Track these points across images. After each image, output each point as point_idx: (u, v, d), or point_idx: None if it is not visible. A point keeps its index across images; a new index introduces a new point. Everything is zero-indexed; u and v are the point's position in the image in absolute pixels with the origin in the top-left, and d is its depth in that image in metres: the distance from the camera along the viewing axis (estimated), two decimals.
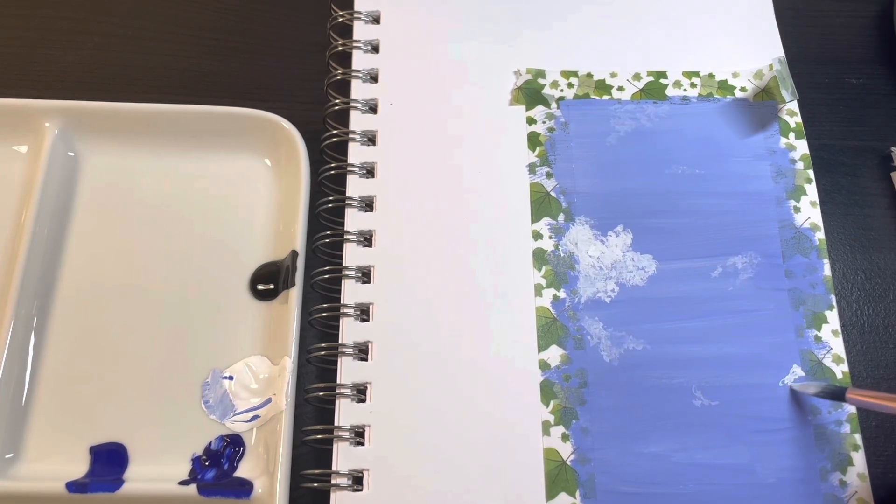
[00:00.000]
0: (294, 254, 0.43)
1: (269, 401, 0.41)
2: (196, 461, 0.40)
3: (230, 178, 0.46)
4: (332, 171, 0.45)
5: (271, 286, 0.43)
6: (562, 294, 0.43)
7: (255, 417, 0.41)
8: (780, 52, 0.49)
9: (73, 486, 0.38)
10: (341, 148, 0.46)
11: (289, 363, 0.40)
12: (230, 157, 0.46)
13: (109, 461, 0.40)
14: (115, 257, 0.44)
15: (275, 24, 0.52)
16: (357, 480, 0.39)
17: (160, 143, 0.46)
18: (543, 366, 0.41)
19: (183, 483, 0.39)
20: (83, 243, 0.45)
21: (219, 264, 0.44)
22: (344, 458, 0.39)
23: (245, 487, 0.39)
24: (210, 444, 0.40)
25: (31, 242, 0.42)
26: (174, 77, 0.50)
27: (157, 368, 0.42)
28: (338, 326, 0.42)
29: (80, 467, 0.40)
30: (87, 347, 0.42)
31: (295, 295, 0.42)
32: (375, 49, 0.49)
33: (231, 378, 0.42)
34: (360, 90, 0.48)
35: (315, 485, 0.39)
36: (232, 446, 0.40)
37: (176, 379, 0.42)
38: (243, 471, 0.40)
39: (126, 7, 0.52)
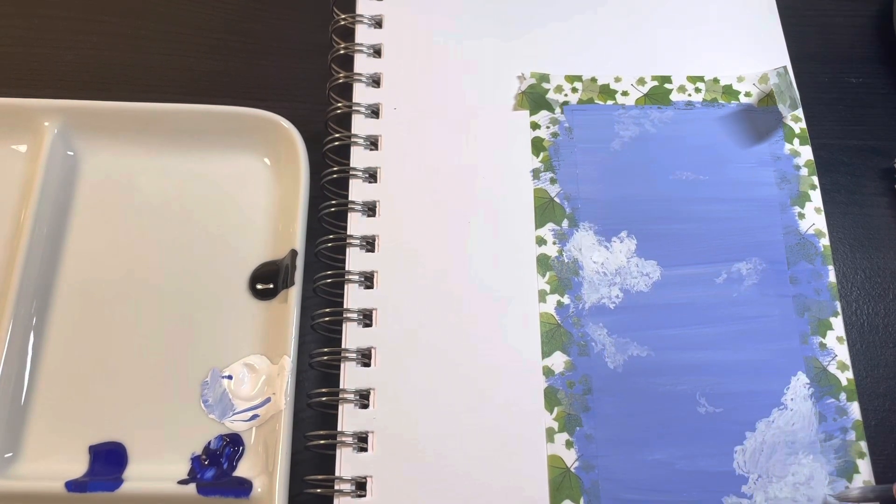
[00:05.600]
0: (293, 253, 0.45)
1: (268, 400, 0.43)
2: (195, 460, 0.42)
3: (230, 178, 0.48)
4: (335, 175, 0.47)
5: (271, 285, 0.45)
6: (566, 300, 0.45)
7: (254, 417, 0.43)
8: (786, 57, 0.51)
9: (72, 486, 0.40)
10: (343, 151, 0.48)
11: (288, 362, 0.42)
12: (230, 156, 0.49)
13: (109, 460, 0.41)
14: (114, 256, 0.46)
15: (275, 24, 0.55)
16: (360, 486, 0.40)
17: (160, 143, 0.48)
18: (547, 372, 0.43)
19: (182, 482, 0.40)
20: (82, 242, 0.47)
21: (218, 263, 0.46)
22: (347, 464, 0.41)
23: (244, 487, 0.40)
24: (209, 443, 0.42)
25: (30, 242, 0.44)
26: (174, 77, 0.52)
27: (156, 368, 0.44)
28: (340, 330, 0.43)
29: (79, 466, 0.41)
30: (87, 347, 0.44)
31: (294, 294, 0.44)
32: (378, 53, 0.51)
33: (230, 377, 0.44)
34: (362, 94, 0.49)
35: (318, 490, 0.40)
36: (231, 445, 0.42)
37: (175, 378, 0.43)
38: (242, 470, 0.41)
39: (126, 6, 0.55)
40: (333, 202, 0.46)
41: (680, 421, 0.42)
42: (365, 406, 0.42)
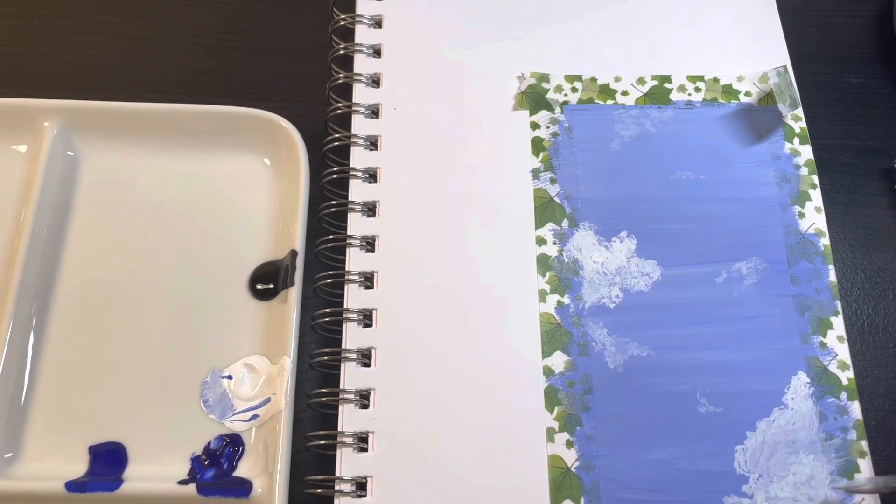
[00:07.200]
0: (293, 253, 0.45)
1: (268, 400, 0.43)
2: (195, 460, 0.42)
3: (230, 178, 0.49)
4: (335, 175, 0.47)
5: (270, 286, 0.46)
6: (566, 300, 0.45)
7: (254, 417, 0.43)
8: (786, 57, 0.52)
9: (72, 486, 0.40)
10: (343, 152, 0.48)
11: (288, 363, 0.42)
12: (230, 156, 0.49)
13: (108, 460, 0.42)
14: (114, 257, 0.47)
15: (275, 24, 0.55)
16: (360, 486, 0.40)
17: (159, 143, 0.49)
18: (548, 372, 0.43)
19: (182, 482, 0.41)
20: (82, 243, 0.47)
21: (218, 264, 0.47)
22: (347, 464, 0.41)
23: (244, 487, 0.40)
24: (209, 443, 0.42)
25: (30, 242, 0.45)
26: (174, 77, 0.53)
27: (156, 368, 0.44)
28: (340, 330, 0.44)
29: (79, 467, 0.42)
30: (87, 347, 0.44)
31: (294, 294, 0.44)
32: (378, 53, 0.51)
33: (230, 377, 0.44)
34: (362, 94, 0.50)
35: (318, 490, 0.40)
36: (231, 446, 0.42)
37: (175, 378, 0.44)
38: (242, 470, 0.42)
39: (126, 7, 0.55)
40: (333, 202, 0.46)
41: (680, 421, 0.42)
42: (365, 406, 0.42)
